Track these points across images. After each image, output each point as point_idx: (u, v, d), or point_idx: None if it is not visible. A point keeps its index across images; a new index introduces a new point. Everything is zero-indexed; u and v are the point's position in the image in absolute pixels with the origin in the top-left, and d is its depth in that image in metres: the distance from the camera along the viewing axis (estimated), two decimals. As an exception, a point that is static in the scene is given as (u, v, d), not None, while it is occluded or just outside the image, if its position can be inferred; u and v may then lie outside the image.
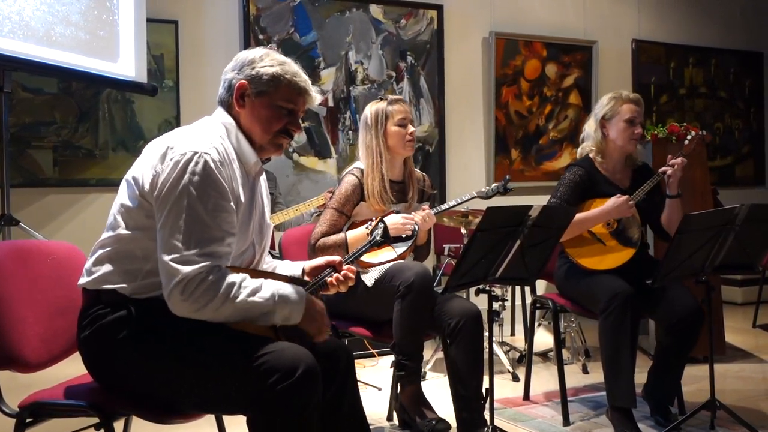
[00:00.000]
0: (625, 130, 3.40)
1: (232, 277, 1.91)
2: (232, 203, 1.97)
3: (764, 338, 5.18)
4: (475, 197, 3.24)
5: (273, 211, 4.30)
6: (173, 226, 1.88)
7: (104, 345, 1.97)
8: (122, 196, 2.02)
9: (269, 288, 1.96)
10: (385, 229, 2.41)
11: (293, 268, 2.33)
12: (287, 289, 2.00)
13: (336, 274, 2.20)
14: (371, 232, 2.45)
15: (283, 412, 1.85)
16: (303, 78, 2.15)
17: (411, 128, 3.15)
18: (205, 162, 1.92)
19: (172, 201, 1.90)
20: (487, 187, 3.31)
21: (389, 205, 3.09)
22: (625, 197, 3.29)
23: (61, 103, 4.48)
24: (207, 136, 2.01)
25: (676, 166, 3.32)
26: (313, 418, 1.92)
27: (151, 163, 1.96)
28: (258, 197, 2.19)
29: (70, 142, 4.47)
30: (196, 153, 1.93)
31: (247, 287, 1.92)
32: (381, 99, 3.21)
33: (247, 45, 4.87)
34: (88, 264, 2.05)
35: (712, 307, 3.11)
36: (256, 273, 2.08)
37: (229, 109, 2.12)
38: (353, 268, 2.25)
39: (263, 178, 2.26)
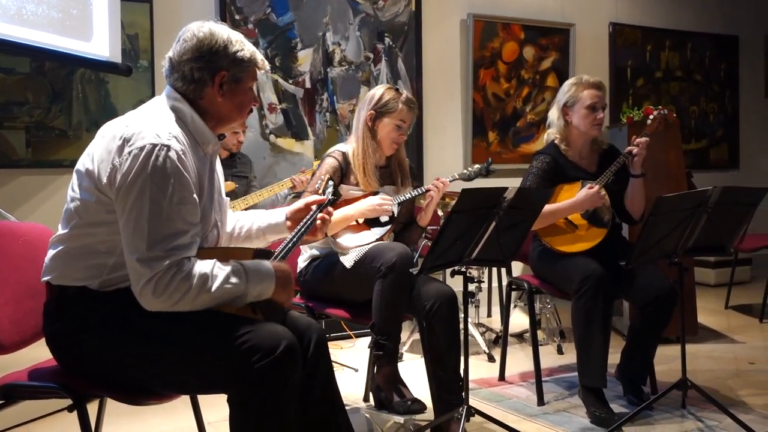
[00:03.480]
0: (587, 117, 3.41)
1: (203, 268, 1.88)
2: (195, 195, 1.93)
3: (736, 319, 5.26)
4: (456, 179, 3.21)
5: (247, 193, 4.28)
6: (137, 223, 1.83)
7: (74, 338, 1.94)
8: (76, 190, 1.95)
9: (239, 270, 1.94)
10: (335, 186, 2.44)
11: (276, 215, 2.36)
12: (257, 267, 1.99)
13: (320, 218, 2.28)
14: (323, 192, 2.45)
15: (266, 389, 1.86)
16: (259, 53, 2.11)
17: (404, 136, 3.13)
18: (167, 155, 1.86)
19: (134, 197, 1.84)
20: (469, 169, 3.26)
21: (375, 186, 3.09)
22: (595, 188, 3.30)
23: (33, 83, 4.41)
24: (164, 125, 1.93)
25: (640, 146, 3.35)
26: (294, 395, 1.93)
27: (107, 156, 1.89)
28: (215, 176, 2.15)
29: (43, 123, 4.42)
30: (156, 145, 1.86)
31: (217, 275, 1.90)
32: (398, 90, 3.14)
33: (223, 25, 4.81)
34: (47, 259, 2.00)
35: (684, 288, 3.15)
36: (224, 251, 2.06)
37: (193, 97, 2.03)
38: (331, 210, 2.33)
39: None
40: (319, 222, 2.30)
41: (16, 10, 3.71)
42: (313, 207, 2.33)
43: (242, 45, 2.05)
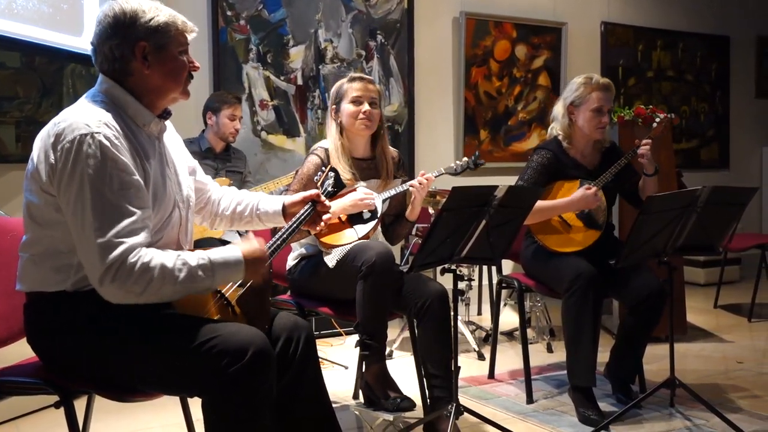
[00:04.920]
0: (592, 120, 3.39)
1: (164, 259, 1.84)
2: (137, 176, 1.88)
3: (725, 318, 5.28)
4: (443, 173, 3.18)
5: (241, 189, 4.27)
6: (83, 215, 1.80)
7: (53, 339, 1.94)
8: (27, 196, 1.94)
9: (204, 257, 1.89)
10: (336, 177, 2.41)
11: (274, 204, 2.34)
12: (222, 253, 1.93)
13: (321, 219, 2.28)
14: (321, 184, 2.42)
15: (236, 394, 1.83)
16: (180, 15, 2.03)
17: (365, 107, 3.06)
18: (99, 142, 1.82)
19: (75, 192, 1.81)
20: (457, 162, 3.19)
21: (356, 183, 3.08)
22: (593, 189, 3.30)
23: (24, 77, 4.38)
24: (93, 113, 1.90)
25: (644, 150, 3.34)
26: (268, 400, 1.90)
27: (44, 155, 1.87)
28: (167, 155, 2.09)
29: (34, 118, 4.39)
30: (86, 135, 1.82)
31: (180, 266, 1.85)
32: (345, 76, 3.18)
33: (214, 21, 4.81)
34: (18, 270, 1.98)
35: (673, 287, 3.16)
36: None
37: (122, 76, 1.97)
38: (328, 204, 2.30)
39: (172, 133, 2.18)
40: (318, 218, 2.29)
41: (6, 3, 3.69)
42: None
43: (156, 12, 1.97)
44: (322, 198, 2.29)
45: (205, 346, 1.83)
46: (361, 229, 3.02)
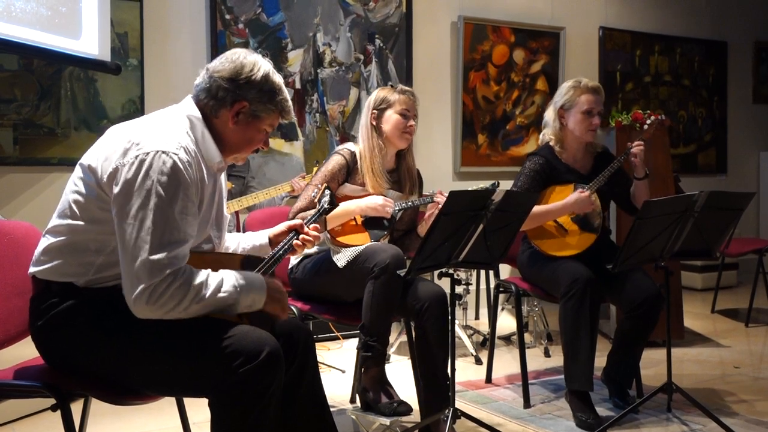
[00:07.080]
0: (583, 122, 3.41)
1: (198, 278, 1.88)
2: (195, 206, 1.94)
3: (722, 323, 5.28)
4: None
5: (244, 194, 4.28)
6: (141, 229, 1.82)
7: (59, 333, 1.94)
8: (78, 183, 1.95)
9: (231, 280, 1.94)
10: (332, 195, 2.48)
11: (259, 237, 2.39)
12: (248, 278, 1.99)
13: (303, 236, 2.28)
14: (318, 201, 2.47)
15: (246, 395, 1.84)
16: (290, 104, 2.14)
17: (412, 122, 3.13)
18: (174, 163, 1.86)
19: (140, 203, 1.83)
20: (473, 188, 3.23)
21: (385, 190, 3.09)
22: (586, 193, 3.31)
23: (21, 80, 4.38)
24: (174, 133, 1.94)
25: (636, 152, 3.36)
26: (275, 400, 1.92)
27: (112, 155, 1.89)
28: (218, 192, 2.16)
29: (31, 121, 4.39)
30: (164, 152, 1.86)
31: (210, 285, 1.89)
32: (391, 86, 3.20)
33: (213, 25, 4.80)
34: (38, 251, 1.99)
35: (670, 292, 3.16)
36: (214, 257, 2.07)
37: (209, 113, 2.05)
38: (317, 226, 2.34)
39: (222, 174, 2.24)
40: (299, 242, 2.30)
41: (5, 6, 3.69)
42: (309, 227, 2.35)
43: (279, 88, 2.08)
44: (306, 228, 2.33)
45: (219, 346, 1.85)
46: (375, 234, 3.04)
